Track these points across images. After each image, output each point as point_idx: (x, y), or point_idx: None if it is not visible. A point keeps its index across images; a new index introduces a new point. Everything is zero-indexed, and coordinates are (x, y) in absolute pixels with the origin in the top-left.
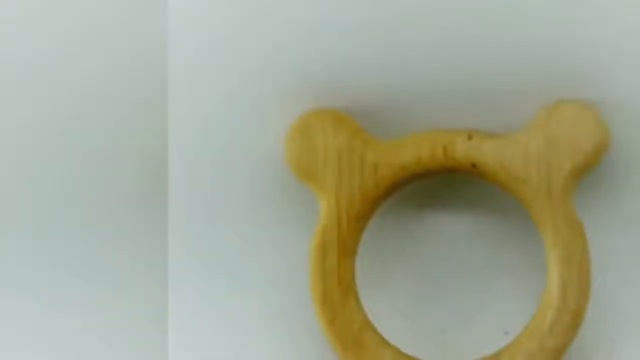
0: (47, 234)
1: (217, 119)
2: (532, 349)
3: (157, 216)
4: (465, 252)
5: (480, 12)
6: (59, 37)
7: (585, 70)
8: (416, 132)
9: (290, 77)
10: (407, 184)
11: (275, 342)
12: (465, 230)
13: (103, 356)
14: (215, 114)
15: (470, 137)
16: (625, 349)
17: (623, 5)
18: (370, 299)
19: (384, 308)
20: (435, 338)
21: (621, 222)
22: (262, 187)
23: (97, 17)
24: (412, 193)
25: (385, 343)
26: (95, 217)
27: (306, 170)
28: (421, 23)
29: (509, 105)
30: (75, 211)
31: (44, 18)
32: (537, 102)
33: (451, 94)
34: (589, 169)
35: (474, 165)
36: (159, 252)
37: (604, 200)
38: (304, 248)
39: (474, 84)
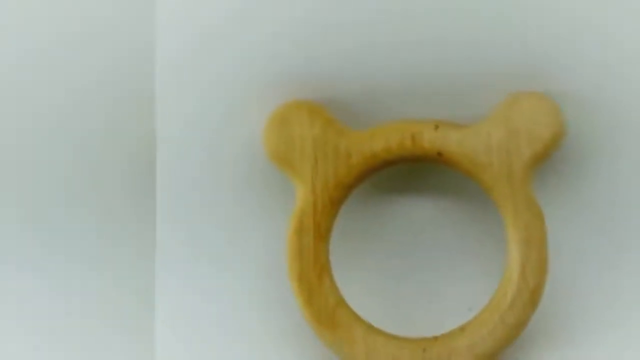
0: (38, 219)
1: (202, 111)
2: (494, 324)
3: (145, 201)
4: (432, 234)
5: (446, 11)
6: (51, 33)
7: (543, 64)
8: (386, 122)
9: (269, 71)
10: (378, 171)
11: (256, 320)
12: (432, 214)
13: (91, 335)
14: (200, 107)
15: (436, 128)
16: (581, 324)
17: (577, 2)
18: (343, 278)
19: (357, 287)
20: (404, 314)
21: (577, 206)
22: (243, 174)
23: (88, 14)
24: (383, 180)
25: (357, 319)
26: (86, 201)
27: (284, 158)
28: (391, 22)
29: (472, 97)
30: (66, 196)
31: (39, 15)
32: (499, 95)
33: (419, 88)
34: (547, 157)
35: (439, 154)
36: (146, 235)
37: (561, 186)
38: (282, 231)
39: (440, 78)
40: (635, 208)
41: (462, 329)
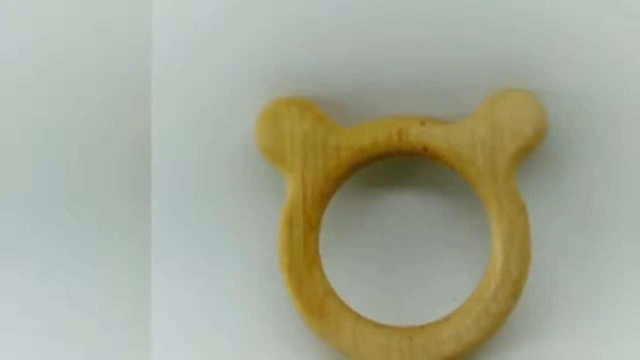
0: (37, 214)
1: (196, 108)
2: (477, 314)
3: (141, 197)
4: (418, 227)
5: (432, 12)
6: (48, 32)
7: (526, 63)
8: (374, 118)
9: (261, 70)
10: (366, 165)
11: (248, 308)
12: (418, 207)
13: (90, 325)
14: (194, 104)
15: (422, 123)
16: (562, 314)
17: (560, 3)
18: (332, 269)
19: (345, 277)
20: (391, 304)
21: (559, 200)
22: (235, 169)
23: (85, 14)
24: (371, 174)
25: (346, 309)
26: (83, 197)
27: (275, 153)
28: (379, 23)
29: (457, 94)
30: (65, 189)
31: (35, 14)
32: (483, 92)
33: (406, 85)
34: (529, 152)
35: (425, 149)
36: (143, 228)
37: (543, 180)
38: (273, 223)
39: (426, 76)
40: (615, 202)
41: (447, 318)
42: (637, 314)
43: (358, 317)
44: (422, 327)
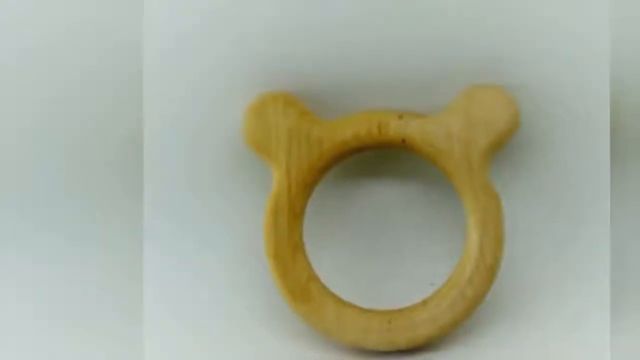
0: (34, 196)
1: (187, 102)
2: (454, 298)
3: (134, 185)
4: (397, 215)
5: (411, 11)
6: (42, 31)
7: (500, 59)
8: (355, 113)
9: (248, 67)
10: (347, 157)
11: (236, 293)
12: (397, 197)
13: (84, 305)
14: (185, 99)
15: (401, 117)
16: (534, 298)
17: (532, 4)
18: (315, 255)
19: (328, 263)
20: (372, 289)
21: (530, 189)
22: (224, 160)
23: (83, 14)
24: (352, 165)
25: (329, 293)
26: (80, 185)
27: (261, 145)
28: (360, 22)
29: (434, 90)
30: (62, 176)
31: (29, 14)
32: (458, 87)
33: (385, 81)
34: (503, 145)
35: (403, 141)
36: (135, 214)
37: (516, 171)
38: (259, 212)
39: (404, 72)
40: (583, 191)
41: (424, 302)
42: (601, 297)
43: (340, 301)
44: (400, 310)
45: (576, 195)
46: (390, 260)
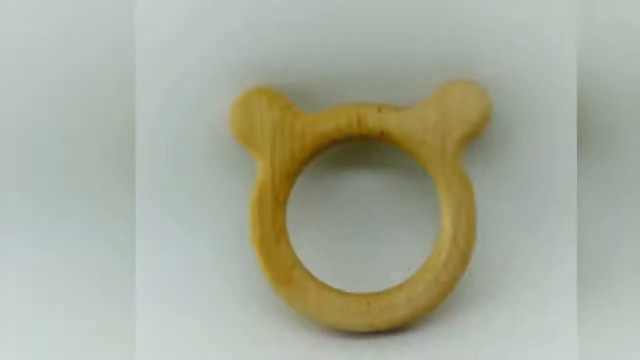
0: (35, 186)
1: (176, 97)
2: (429, 282)
3: (127, 176)
4: (376, 203)
5: (389, 8)
6: (38, 27)
7: (474, 55)
8: (335, 106)
9: (234, 62)
10: (328, 148)
11: (223, 278)
12: (376, 186)
13: (77, 288)
14: (175, 93)
15: (379, 110)
16: (506, 282)
17: (501, 5)
18: (298, 242)
19: (310, 250)
20: (352, 274)
21: (502, 179)
22: (212, 151)
23: (74, 10)
24: (333, 156)
25: (311, 278)
26: (77, 174)
27: (247, 138)
28: (339, 20)
29: (411, 84)
30: (58, 168)
31: (23, 7)
32: (435, 82)
33: (364, 76)
34: (476, 137)
35: (382, 133)
36: (128, 204)
37: (488, 161)
38: (245, 200)
39: (383, 67)
40: (551, 178)
41: (401, 286)
42: (569, 279)
43: (322, 285)
44: (379, 293)
45: (545, 182)
46: (369, 246)
